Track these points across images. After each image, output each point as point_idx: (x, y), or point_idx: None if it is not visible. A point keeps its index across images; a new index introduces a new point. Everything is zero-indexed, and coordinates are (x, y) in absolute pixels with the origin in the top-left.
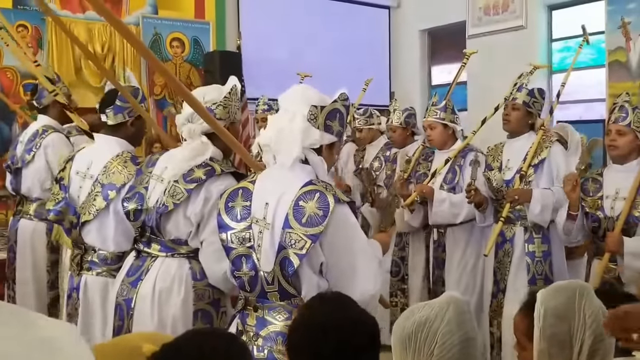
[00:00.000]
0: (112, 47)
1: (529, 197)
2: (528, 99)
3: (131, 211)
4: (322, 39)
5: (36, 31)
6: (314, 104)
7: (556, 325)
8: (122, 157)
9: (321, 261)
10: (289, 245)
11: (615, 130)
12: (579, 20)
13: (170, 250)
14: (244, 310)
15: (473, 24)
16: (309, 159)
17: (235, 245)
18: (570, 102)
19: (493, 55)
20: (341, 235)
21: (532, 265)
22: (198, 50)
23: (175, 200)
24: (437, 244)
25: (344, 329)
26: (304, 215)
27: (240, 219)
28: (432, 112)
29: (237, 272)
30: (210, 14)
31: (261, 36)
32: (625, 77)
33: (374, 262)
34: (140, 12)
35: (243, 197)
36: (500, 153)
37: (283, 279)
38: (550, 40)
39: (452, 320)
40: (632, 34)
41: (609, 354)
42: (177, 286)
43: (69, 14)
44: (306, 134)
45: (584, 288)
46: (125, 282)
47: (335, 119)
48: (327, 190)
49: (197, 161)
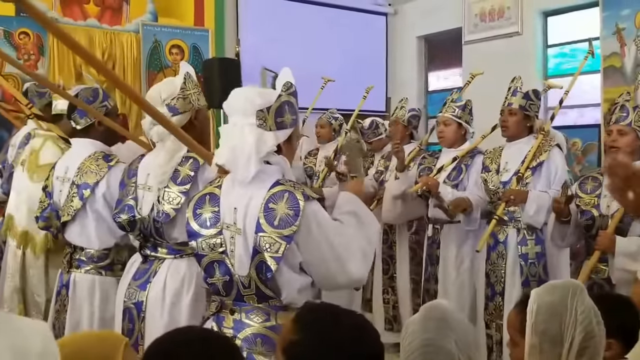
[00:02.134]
0: (113, 55)
1: (525, 198)
2: (524, 103)
3: (124, 223)
4: (320, 45)
5: (38, 38)
6: (259, 108)
7: (548, 321)
8: (94, 156)
9: (299, 260)
10: (264, 249)
11: (617, 130)
12: (574, 26)
13: (178, 252)
14: (219, 314)
15: (469, 30)
16: (271, 162)
17: (207, 252)
18: (566, 107)
19: (489, 61)
20: (315, 232)
21: (525, 267)
22: (197, 57)
23: (174, 206)
24: (432, 240)
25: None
26: (275, 217)
27: (210, 225)
28: (450, 109)
29: (209, 278)
30: (210, 22)
31: (260, 43)
32: (620, 82)
33: (354, 244)
34: (140, 20)
35: (211, 202)
36: (498, 156)
37: (260, 283)
38: (546, 47)
39: (418, 323)
40: (626, 40)
41: (599, 353)
42: (187, 285)
43: (70, 21)
44: (260, 143)
45: (577, 287)
46: (133, 285)
47: (285, 112)
48: (296, 188)
49: (176, 159)
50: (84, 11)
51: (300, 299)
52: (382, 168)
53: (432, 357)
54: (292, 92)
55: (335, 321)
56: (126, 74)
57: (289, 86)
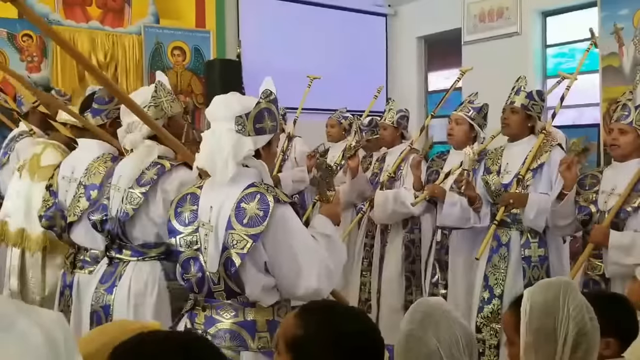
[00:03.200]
0: (115, 56)
1: (525, 202)
2: (527, 102)
3: (97, 222)
4: (321, 46)
5: (40, 41)
6: (238, 114)
7: (541, 318)
8: (102, 158)
9: (264, 260)
10: (231, 246)
11: (617, 129)
12: (573, 26)
13: (141, 254)
14: (193, 310)
15: (468, 30)
16: (249, 166)
17: (184, 249)
18: (565, 107)
19: (488, 61)
20: (282, 234)
21: (528, 270)
22: (199, 58)
23: (133, 206)
24: (440, 245)
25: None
26: (245, 216)
27: (188, 223)
28: (465, 108)
29: (185, 274)
30: (211, 23)
31: (260, 44)
32: (619, 81)
33: (317, 257)
34: (142, 22)
35: (191, 201)
36: (499, 157)
37: (227, 279)
38: (545, 46)
39: (405, 317)
40: (624, 40)
41: (593, 349)
42: (150, 288)
43: (73, 23)
44: (238, 148)
45: (568, 284)
46: (100, 289)
47: (264, 119)
48: (268, 191)
49: (145, 163)
50: (86, 13)
51: (265, 298)
52: (377, 170)
53: (412, 347)
54: (272, 99)
55: (337, 316)
56: (128, 76)
57: (268, 94)
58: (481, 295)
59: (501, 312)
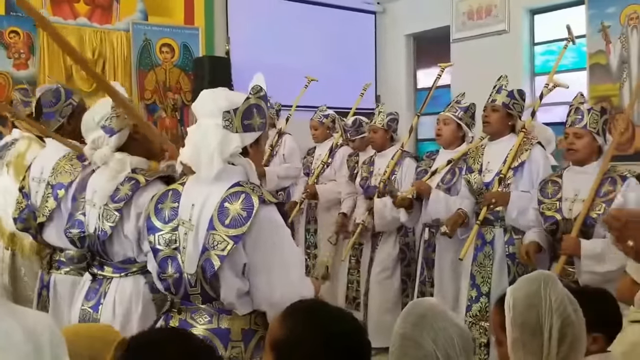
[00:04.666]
0: (103, 53)
1: (507, 201)
2: (508, 101)
3: (75, 238)
4: (309, 43)
5: (28, 37)
6: (225, 109)
7: (525, 313)
8: (68, 156)
9: (244, 262)
10: (212, 247)
11: (572, 133)
12: (561, 24)
13: (123, 270)
14: (169, 312)
15: (457, 28)
16: (235, 164)
17: (162, 247)
18: (552, 104)
19: (477, 59)
20: (266, 235)
21: (513, 267)
22: (187, 55)
23: (110, 224)
24: (428, 244)
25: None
26: (227, 216)
27: (168, 220)
28: (452, 108)
29: (162, 274)
30: (200, 20)
31: (249, 41)
32: (606, 79)
33: (300, 260)
34: (130, 19)
35: (172, 199)
36: (480, 155)
37: (204, 281)
38: (533, 44)
39: (401, 317)
40: (611, 38)
41: (579, 341)
42: (135, 304)
43: (60, 20)
44: (224, 144)
45: (548, 277)
46: (86, 305)
47: (252, 116)
48: (254, 191)
49: (119, 179)
50: (74, 10)
51: (240, 306)
52: (366, 174)
53: (407, 350)
54: (262, 95)
55: (323, 317)
56: (117, 73)
57: (258, 90)
58: (469, 294)
59: (489, 310)
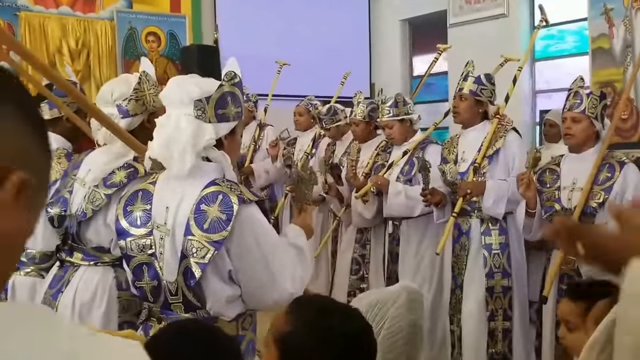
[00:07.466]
0: (87, 43)
1: (483, 190)
2: (475, 87)
3: (55, 216)
4: (302, 30)
5: (9, 27)
6: (197, 97)
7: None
8: (56, 153)
9: (229, 268)
10: (191, 254)
11: (570, 117)
12: (561, 7)
13: (94, 259)
14: (147, 322)
15: (454, 13)
16: (210, 158)
17: (135, 253)
18: (554, 90)
19: (474, 44)
20: (249, 238)
21: (489, 258)
22: (174, 44)
23: (94, 207)
24: (392, 237)
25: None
26: (206, 220)
27: (140, 224)
28: (384, 112)
29: (137, 282)
30: (186, 8)
31: (239, 29)
32: (609, 63)
33: (289, 258)
34: (114, 7)
35: (143, 200)
36: (455, 145)
37: (187, 290)
38: (532, 29)
39: (403, 306)
40: (614, 21)
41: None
42: (99, 298)
43: (42, 9)
44: (197, 136)
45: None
46: (48, 294)
47: (227, 104)
48: (232, 190)
49: (118, 163)
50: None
51: (229, 311)
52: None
53: (413, 337)
54: (236, 82)
55: (327, 312)
56: (101, 63)
57: (232, 76)
58: (451, 286)
59: (461, 302)
